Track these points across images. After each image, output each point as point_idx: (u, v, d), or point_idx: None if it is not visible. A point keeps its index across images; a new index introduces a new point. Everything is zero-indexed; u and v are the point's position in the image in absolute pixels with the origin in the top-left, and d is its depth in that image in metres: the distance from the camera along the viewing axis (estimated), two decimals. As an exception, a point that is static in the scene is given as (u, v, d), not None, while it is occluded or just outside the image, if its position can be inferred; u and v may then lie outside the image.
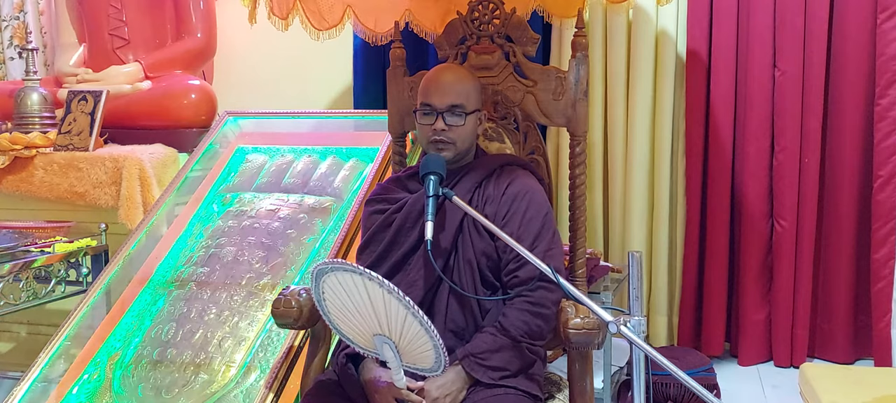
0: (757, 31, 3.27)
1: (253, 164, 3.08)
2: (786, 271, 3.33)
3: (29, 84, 3.55)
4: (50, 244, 2.85)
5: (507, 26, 2.19)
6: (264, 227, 2.77)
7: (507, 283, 1.84)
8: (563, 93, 2.11)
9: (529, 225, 1.85)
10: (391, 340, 1.62)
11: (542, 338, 1.81)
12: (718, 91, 3.36)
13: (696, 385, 1.37)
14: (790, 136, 3.27)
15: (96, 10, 3.83)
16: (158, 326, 2.55)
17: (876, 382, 2.37)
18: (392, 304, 1.56)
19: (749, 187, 3.36)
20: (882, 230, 3.19)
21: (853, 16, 3.17)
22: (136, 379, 2.41)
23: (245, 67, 4.14)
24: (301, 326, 1.99)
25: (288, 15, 2.85)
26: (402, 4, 2.90)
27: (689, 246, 3.47)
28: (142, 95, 3.65)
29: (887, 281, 3.17)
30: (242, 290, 2.58)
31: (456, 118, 1.90)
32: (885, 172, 3.17)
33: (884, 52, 3.14)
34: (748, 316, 3.41)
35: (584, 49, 2.09)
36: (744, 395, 3.12)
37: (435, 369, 1.65)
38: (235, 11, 3.40)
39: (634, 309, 1.55)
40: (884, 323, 3.18)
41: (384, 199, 1.99)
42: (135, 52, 3.82)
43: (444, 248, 1.86)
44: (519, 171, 1.96)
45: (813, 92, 3.24)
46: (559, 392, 1.97)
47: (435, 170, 1.84)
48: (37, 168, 3.31)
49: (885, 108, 3.16)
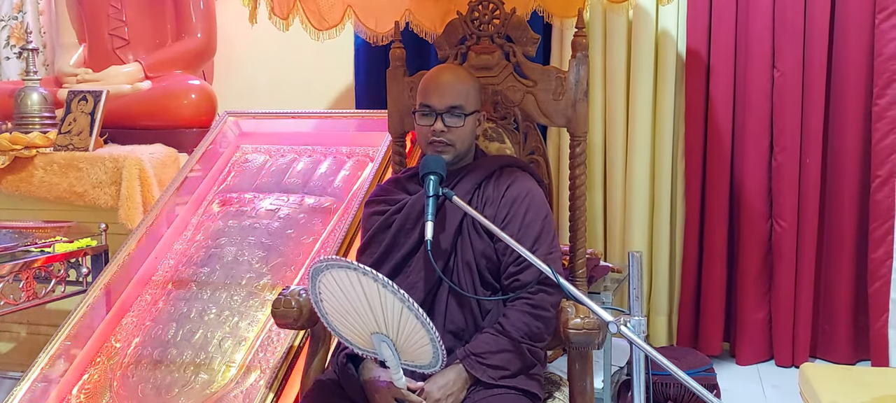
0: (756, 31, 3.27)
1: (253, 164, 3.08)
2: (786, 271, 3.33)
3: (29, 84, 3.55)
4: (50, 244, 2.84)
5: (507, 26, 2.19)
6: (264, 227, 2.77)
7: (508, 286, 1.83)
8: (563, 94, 2.11)
9: (529, 229, 1.85)
10: (389, 338, 1.62)
11: (542, 340, 1.81)
12: (718, 91, 3.36)
13: (696, 386, 1.37)
14: (789, 137, 3.27)
15: (96, 10, 3.84)
16: (158, 326, 2.55)
17: (876, 382, 2.36)
18: (388, 299, 1.56)
19: (748, 187, 3.36)
20: (879, 230, 3.19)
21: (852, 16, 3.17)
22: (136, 379, 2.41)
23: (245, 67, 4.14)
24: (301, 326, 1.99)
25: (288, 15, 2.85)
26: (403, 4, 2.90)
27: (688, 245, 3.47)
28: (142, 95, 3.65)
29: (884, 281, 3.17)
30: (242, 290, 2.58)
31: (455, 119, 1.89)
32: (884, 172, 3.17)
33: (882, 51, 3.14)
34: (747, 315, 3.41)
35: (584, 49, 2.09)
36: (744, 395, 3.12)
37: (433, 365, 1.65)
38: (235, 11, 3.40)
39: (634, 309, 1.55)
40: (881, 322, 3.18)
41: (384, 201, 1.99)
42: (135, 52, 3.83)
43: (444, 249, 1.85)
44: (518, 173, 1.95)
45: (812, 92, 3.24)
46: (559, 391, 1.97)
47: (435, 170, 1.83)
48: (37, 168, 3.32)
49: (883, 108, 3.16)
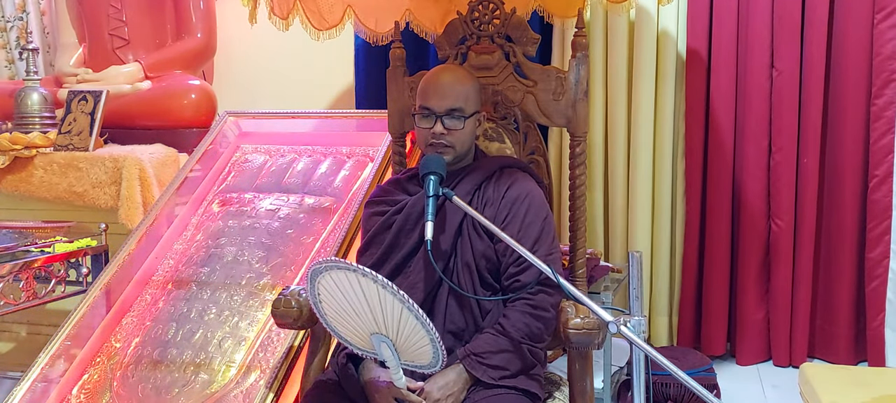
0: (755, 30, 3.26)
1: (253, 164, 3.08)
2: (783, 271, 3.33)
3: (29, 84, 3.55)
4: (50, 244, 2.84)
5: (507, 26, 2.19)
6: (264, 227, 2.77)
7: (508, 287, 1.83)
8: (564, 94, 2.11)
9: (529, 229, 1.84)
10: (389, 338, 1.62)
11: (542, 341, 1.81)
12: (718, 91, 3.36)
13: (696, 385, 1.37)
14: (787, 136, 3.27)
15: (96, 11, 3.84)
16: (158, 326, 2.55)
17: (876, 382, 2.37)
18: (387, 300, 1.56)
19: (748, 187, 3.36)
20: (877, 229, 3.19)
21: (851, 15, 3.17)
22: (136, 379, 2.41)
23: (245, 67, 4.14)
24: (301, 326, 1.99)
25: (288, 15, 2.85)
26: (403, 4, 2.90)
27: (688, 245, 3.47)
28: (142, 95, 3.65)
29: (881, 281, 3.17)
30: (242, 290, 2.58)
31: (455, 121, 1.89)
32: (881, 172, 3.17)
33: (880, 51, 3.14)
34: (748, 315, 3.40)
35: (585, 49, 2.09)
36: (744, 395, 3.12)
37: (433, 365, 1.64)
38: (235, 11, 3.40)
39: (634, 309, 1.55)
40: (877, 322, 3.18)
41: (384, 201, 1.99)
42: (135, 52, 3.83)
43: (444, 250, 1.85)
44: (518, 174, 1.95)
45: (811, 92, 3.24)
46: (559, 391, 1.97)
47: (435, 171, 1.83)
48: (36, 168, 3.32)
49: (880, 108, 3.15)
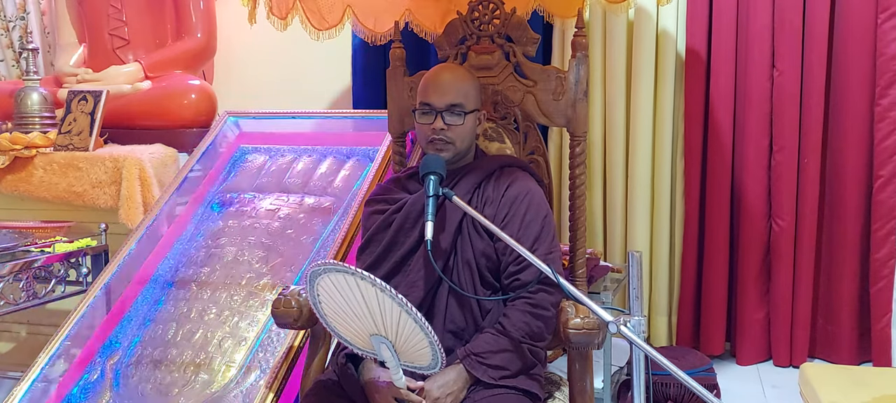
0: (756, 31, 3.26)
1: (253, 164, 3.08)
2: (784, 271, 3.32)
3: (29, 84, 3.55)
4: (50, 244, 2.85)
5: (507, 26, 2.19)
6: (264, 227, 2.77)
7: (508, 286, 1.83)
8: (563, 94, 2.11)
9: (528, 228, 1.84)
10: (388, 340, 1.62)
11: (543, 340, 1.81)
12: (718, 91, 3.35)
13: (696, 385, 1.37)
14: (788, 136, 3.27)
15: (96, 10, 3.84)
16: (158, 326, 2.55)
17: (876, 382, 2.36)
18: (386, 303, 1.56)
19: (748, 187, 3.36)
20: (882, 230, 3.19)
21: (853, 16, 3.16)
22: (136, 379, 2.41)
23: (245, 67, 4.14)
24: (301, 326, 1.99)
25: (287, 15, 2.85)
26: (402, 4, 2.90)
27: (687, 245, 3.47)
28: (142, 95, 3.65)
29: (887, 281, 3.17)
30: (242, 290, 2.58)
31: (455, 117, 1.89)
32: (886, 172, 3.17)
33: (884, 51, 3.13)
34: (748, 315, 3.40)
35: (584, 49, 2.09)
36: (744, 395, 3.12)
37: (432, 367, 1.64)
38: (235, 11, 3.40)
39: (634, 309, 1.55)
40: (883, 322, 3.18)
41: (384, 200, 1.99)
42: (135, 52, 3.83)
43: (444, 249, 1.85)
44: (518, 173, 1.95)
45: (812, 92, 3.24)
46: (559, 391, 1.97)
47: (435, 170, 1.83)
48: (36, 168, 3.31)
49: (885, 109, 3.15)
